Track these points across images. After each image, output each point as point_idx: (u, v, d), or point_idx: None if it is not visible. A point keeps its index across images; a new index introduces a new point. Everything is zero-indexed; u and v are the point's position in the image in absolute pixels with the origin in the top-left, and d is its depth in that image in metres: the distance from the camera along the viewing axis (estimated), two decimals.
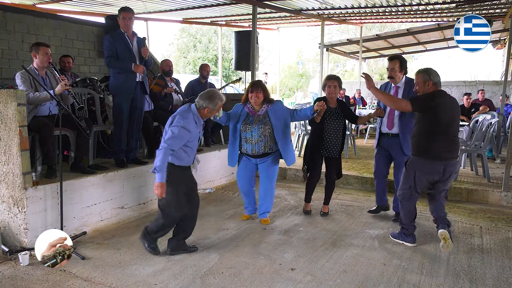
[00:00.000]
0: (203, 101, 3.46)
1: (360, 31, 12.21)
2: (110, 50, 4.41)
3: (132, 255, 3.58)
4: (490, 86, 11.98)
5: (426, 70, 3.70)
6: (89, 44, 7.75)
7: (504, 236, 4.14)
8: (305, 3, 8.26)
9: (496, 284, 3.13)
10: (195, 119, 3.45)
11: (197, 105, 3.47)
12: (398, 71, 4.21)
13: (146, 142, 5.34)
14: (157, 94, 5.53)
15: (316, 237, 4.05)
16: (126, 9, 4.50)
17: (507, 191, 5.28)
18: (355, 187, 6.11)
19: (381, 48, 15.19)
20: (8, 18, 6.49)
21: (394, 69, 4.21)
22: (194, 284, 3.07)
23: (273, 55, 29.31)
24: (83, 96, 5.08)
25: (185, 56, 28.36)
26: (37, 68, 4.04)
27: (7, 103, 3.51)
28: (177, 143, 3.33)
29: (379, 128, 4.46)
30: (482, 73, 24.61)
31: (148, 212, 4.77)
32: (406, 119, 4.14)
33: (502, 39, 13.43)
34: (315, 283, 3.10)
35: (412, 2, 8.06)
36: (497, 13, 9.12)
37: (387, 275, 3.24)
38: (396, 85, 4.28)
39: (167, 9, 8.96)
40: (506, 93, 8.63)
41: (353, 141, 8.14)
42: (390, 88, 4.34)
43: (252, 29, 7.08)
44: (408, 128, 4.07)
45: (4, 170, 3.64)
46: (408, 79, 4.26)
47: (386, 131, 4.35)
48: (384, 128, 4.37)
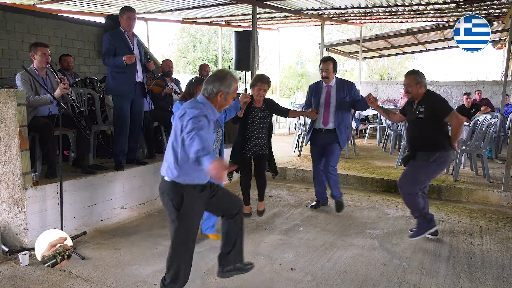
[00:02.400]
0: (212, 85, 2.59)
1: (360, 31, 12.21)
2: (108, 48, 4.35)
3: (132, 255, 3.58)
4: (490, 86, 11.98)
5: (416, 71, 3.89)
6: (89, 44, 7.75)
7: (504, 236, 4.14)
8: (305, 3, 8.26)
9: (496, 284, 3.13)
10: (209, 111, 2.56)
11: (206, 94, 2.61)
12: (332, 72, 4.58)
13: (146, 142, 5.33)
14: (157, 95, 5.53)
15: (316, 237, 4.05)
16: (130, 9, 4.47)
17: (507, 191, 5.28)
18: (355, 187, 6.11)
19: (381, 48, 15.18)
20: (8, 18, 6.49)
21: (328, 69, 4.56)
22: (194, 284, 3.07)
23: (273, 55, 29.32)
24: (83, 96, 5.07)
25: (185, 56, 28.36)
26: (37, 69, 4.04)
27: (7, 103, 3.51)
28: (205, 130, 2.43)
29: (312, 124, 4.80)
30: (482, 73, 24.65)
31: (148, 212, 4.77)
32: (341, 116, 4.63)
33: (502, 39, 13.43)
34: (315, 283, 3.10)
35: (412, 2, 8.05)
36: (497, 13, 9.12)
37: (387, 275, 3.24)
38: (328, 84, 4.64)
39: (167, 9, 8.95)
40: (506, 92, 8.61)
41: (353, 141, 8.14)
42: (322, 88, 4.68)
43: (252, 29, 7.08)
44: (343, 123, 4.64)
45: (4, 170, 3.64)
46: (338, 79, 4.69)
47: (322, 127, 4.68)
48: (319, 125, 4.69)
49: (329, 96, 4.62)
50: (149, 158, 5.17)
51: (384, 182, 5.91)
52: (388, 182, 5.87)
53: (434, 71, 30.64)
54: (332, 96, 4.61)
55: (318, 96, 4.67)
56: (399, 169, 6.48)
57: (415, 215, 3.99)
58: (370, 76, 27.17)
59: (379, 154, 8.02)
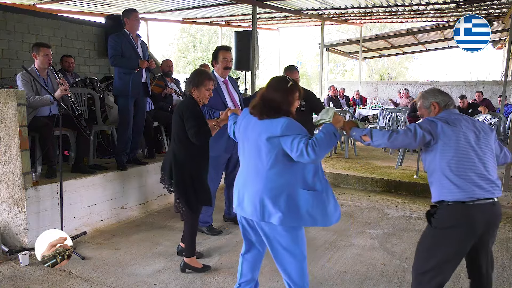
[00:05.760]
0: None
1: (360, 31, 12.22)
2: (115, 50, 4.34)
3: (132, 255, 3.58)
4: (490, 86, 11.99)
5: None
6: (89, 44, 7.74)
7: (504, 236, 4.14)
8: (305, 3, 8.26)
9: (496, 284, 3.13)
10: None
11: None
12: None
13: (146, 142, 5.33)
14: (157, 95, 5.53)
15: (316, 237, 4.05)
16: (135, 10, 4.49)
17: (507, 191, 5.27)
18: (355, 187, 6.11)
19: (381, 48, 15.20)
20: (8, 18, 6.49)
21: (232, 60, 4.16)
22: (194, 284, 3.07)
23: (273, 55, 29.29)
24: (83, 96, 5.08)
25: (185, 56, 28.36)
26: (38, 69, 4.03)
27: (7, 103, 3.51)
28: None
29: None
30: (482, 73, 24.64)
31: (148, 212, 4.77)
32: None
33: (502, 39, 13.44)
34: (315, 283, 3.10)
35: (412, 2, 8.06)
36: (497, 13, 9.12)
37: (387, 275, 3.24)
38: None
39: (167, 9, 8.96)
40: (506, 93, 8.62)
41: (353, 141, 8.13)
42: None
43: (252, 29, 7.09)
44: None
45: (4, 170, 3.64)
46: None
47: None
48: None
49: None
50: (149, 158, 5.17)
51: (384, 182, 5.91)
52: (388, 182, 5.87)
53: (434, 71, 30.66)
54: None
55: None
56: (399, 169, 6.49)
57: None
58: (370, 76, 27.16)
59: (379, 154, 8.02)
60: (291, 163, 2.23)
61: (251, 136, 2.33)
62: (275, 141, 2.21)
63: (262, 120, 2.29)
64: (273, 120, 2.25)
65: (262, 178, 2.27)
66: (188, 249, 3.25)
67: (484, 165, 2.25)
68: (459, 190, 2.21)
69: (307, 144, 2.13)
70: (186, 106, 3.10)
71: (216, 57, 4.04)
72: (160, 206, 4.95)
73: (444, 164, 2.24)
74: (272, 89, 2.33)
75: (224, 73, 4.07)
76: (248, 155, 2.37)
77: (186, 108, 3.08)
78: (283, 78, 2.38)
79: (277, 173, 2.25)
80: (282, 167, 2.24)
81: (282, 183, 2.24)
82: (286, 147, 2.19)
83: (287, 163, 2.24)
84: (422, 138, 2.27)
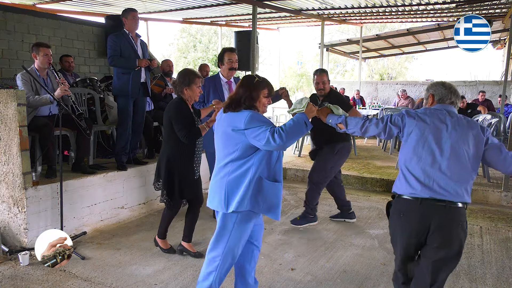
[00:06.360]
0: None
1: (360, 31, 12.21)
2: (114, 49, 4.34)
3: (132, 255, 3.58)
4: (490, 86, 11.98)
5: (326, 70, 4.33)
6: (89, 44, 7.74)
7: (504, 236, 4.14)
8: (305, 3, 8.26)
9: (496, 284, 3.13)
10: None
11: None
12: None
13: (146, 142, 5.33)
14: (157, 95, 5.53)
15: (316, 237, 4.05)
16: (134, 9, 4.49)
17: (507, 191, 5.28)
18: (355, 187, 6.11)
19: (381, 48, 15.19)
20: (8, 18, 6.49)
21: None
22: (194, 284, 3.06)
23: (273, 55, 29.30)
24: (83, 96, 5.08)
25: (185, 56, 28.35)
26: (38, 69, 4.03)
27: (7, 103, 3.51)
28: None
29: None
30: (482, 73, 24.66)
31: (148, 212, 4.77)
32: None
33: (502, 39, 13.43)
34: (315, 283, 3.10)
35: (412, 2, 8.05)
36: (497, 13, 9.12)
37: (387, 275, 3.24)
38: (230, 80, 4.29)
39: (167, 9, 8.95)
40: (506, 93, 8.61)
41: (353, 141, 8.14)
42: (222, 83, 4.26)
43: (252, 29, 7.08)
44: None
45: (4, 170, 3.64)
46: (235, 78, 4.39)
47: None
48: None
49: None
50: (149, 158, 5.18)
51: (384, 182, 5.91)
52: (388, 182, 5.87)
53: (434, 71, 30.68)
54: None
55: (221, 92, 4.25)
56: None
57: (305, 206, 4.33)
58: (370, 76, 27.16)
59: (379, 154, 8.02)
60: (256, 154, 2.33)
61: (219, 129, 2.45)
62: (240, 134, 2.31)
63: (226, 113, 2.41)
64: (237, 113, 2.36)
65: (226, 169, 2.38)
66: (160, 230, 3.65)
67: (440, 166, 2.19)
68: (406, 184, 2.22)
69: (273, 132, 2.23)
70: (175, 109, 3.26)
71: (221, 59, 4.20)
72: (160, 206, 4.94)
73: (402, 156, 2.30)
74: (239, 85, 2.44)
75: (230, 74, 4.22)
76: (217, 147, 2.49)
77: (174, 110, 3.25)
78: (251, 76, 2.49)
79: (241, 165, 2.35)
80: (247, 159, 2.35)
81: (245, 173, 2.34)
82: (252, 139, 2.27)
83: (252, 155, 2.34)
84: (390, 130, 2.32)
